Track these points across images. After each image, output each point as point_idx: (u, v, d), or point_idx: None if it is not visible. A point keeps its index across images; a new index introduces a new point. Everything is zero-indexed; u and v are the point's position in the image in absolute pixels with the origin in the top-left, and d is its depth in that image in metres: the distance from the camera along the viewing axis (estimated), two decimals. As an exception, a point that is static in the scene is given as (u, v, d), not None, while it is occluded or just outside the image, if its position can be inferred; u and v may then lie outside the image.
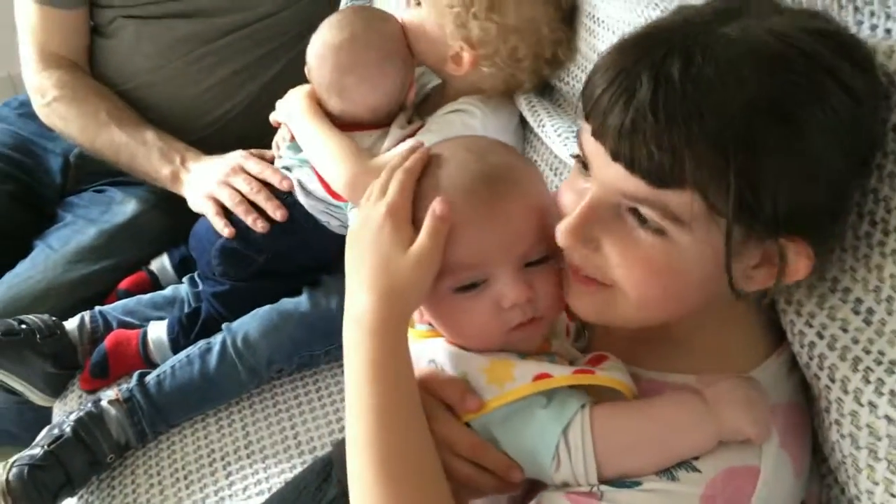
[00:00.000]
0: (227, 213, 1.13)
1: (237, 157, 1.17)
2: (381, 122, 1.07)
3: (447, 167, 0.64)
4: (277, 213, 1.10)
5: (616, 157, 0.54)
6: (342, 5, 1.43)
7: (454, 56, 1.02)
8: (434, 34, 1.03)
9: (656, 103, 0.51)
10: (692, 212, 0.53)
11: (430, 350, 0.65)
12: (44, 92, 1.28)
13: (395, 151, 0.68)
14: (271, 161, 1.17)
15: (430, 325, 0.67)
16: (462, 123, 1.01)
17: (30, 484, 0.94)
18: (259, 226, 1.10)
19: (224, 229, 1.11)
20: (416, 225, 0.61)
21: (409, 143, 0.67)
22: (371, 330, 0.60)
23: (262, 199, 1.11)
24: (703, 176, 0.51)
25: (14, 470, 0.94)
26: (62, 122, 1.28)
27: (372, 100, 1.05)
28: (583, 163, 0.60)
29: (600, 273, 0.59)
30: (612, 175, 0.55)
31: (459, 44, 1.01)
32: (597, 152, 0.56)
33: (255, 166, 1.14)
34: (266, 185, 1.12)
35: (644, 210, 0.55)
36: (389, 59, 1.04)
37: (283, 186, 1.11)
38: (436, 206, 0.60)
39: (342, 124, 1.07)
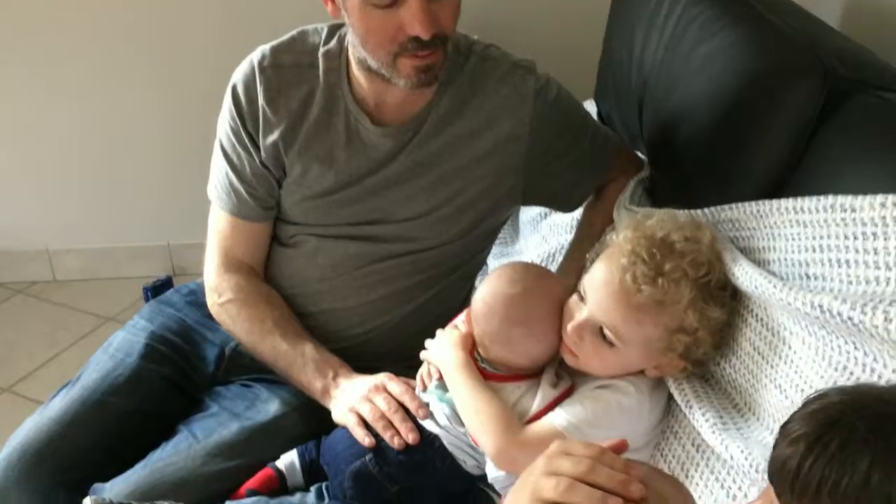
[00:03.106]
0: (367, 428, 1.19)
1: (382, 377, 1.25)
2: (532, 372, 1.12)
3: None
4: (410, 436, 1.15)
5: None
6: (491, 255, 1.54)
7: None
8: None
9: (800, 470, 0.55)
10: None
11: None
12: (220, 292, 1.39)
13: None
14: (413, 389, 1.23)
15: None
16: (618, 404, 1.04)
17: None
18: (396, 442, 1.15)
19: (364, 438, 1.17)
20: None
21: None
22: None
23: (398, 420, 1.17)
24: None
25: None
26: (231, 321, 1.39)
27: (535, 352, 1.10)
28: None
29: None
30: None
31: None
32: None
33: (396, 388, 1.21)
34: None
35: None
36: (556, 316, 1.09)
37: (420, 415, 1.17)
38: None
39: (493, 374, 1.12)
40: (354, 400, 1.23)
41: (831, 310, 0.82)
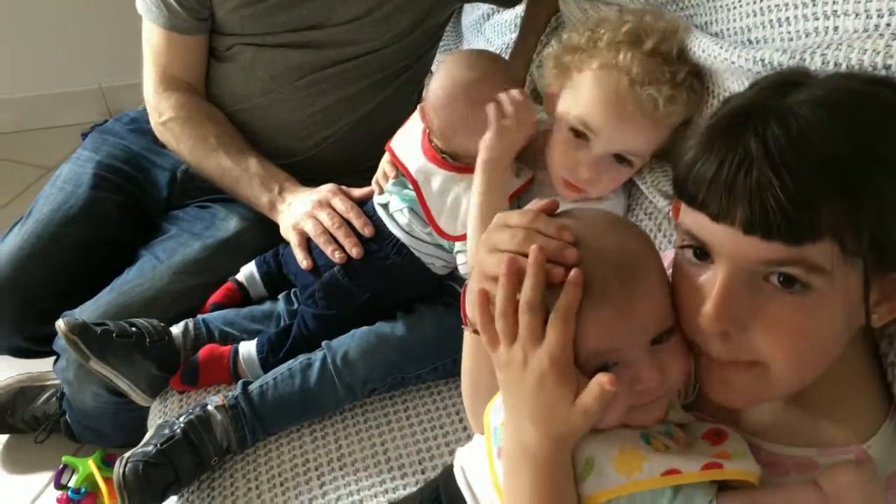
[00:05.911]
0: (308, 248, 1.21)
1: (326, 192, 1.24)
2: None
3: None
4: (354, 251, 1.17)
5: (750, 228, 0.55)
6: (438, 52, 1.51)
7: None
8: None
9: (776, 165, 0.53)
10: (833, 259, 0.54)
11: None
12: (161, 111, 1.36)
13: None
14: (362, 197, 1.24)
15: None
16: None
17: (143, 479, 1.00)
18: (337, 257, 1.17)
19: (303, 261, 1.20)
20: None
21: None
22: (541, 464, 0.62)
23: (341, 235, 1.18)
24: (837, 221, 0.54)
25: (129, 465, 1.00)
26: (175, 140, 1.36)
27: None
28: (694, 251, 0.61)
29: (746, 352, 0.60)
30: (745, 248, 0.57)
31: None
32: (721, 233, 0.58)
33: (341, 204, 1.21)
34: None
35: (788, 270, 0.56)
36: None
37: (366, 232, 1.18)
38: (599, 381, 0.59)
39: (454, 167, 1.12)
40: (299, 216, 1.23)
41: (772, 62, 0.83)
